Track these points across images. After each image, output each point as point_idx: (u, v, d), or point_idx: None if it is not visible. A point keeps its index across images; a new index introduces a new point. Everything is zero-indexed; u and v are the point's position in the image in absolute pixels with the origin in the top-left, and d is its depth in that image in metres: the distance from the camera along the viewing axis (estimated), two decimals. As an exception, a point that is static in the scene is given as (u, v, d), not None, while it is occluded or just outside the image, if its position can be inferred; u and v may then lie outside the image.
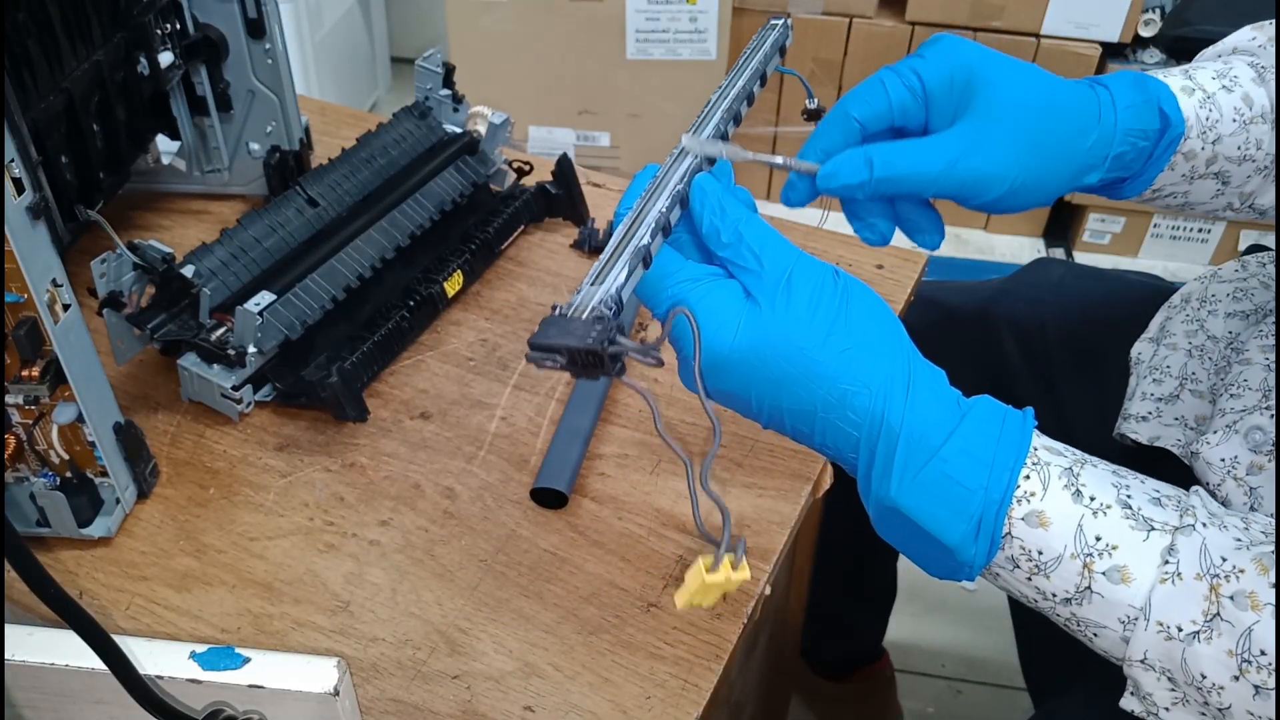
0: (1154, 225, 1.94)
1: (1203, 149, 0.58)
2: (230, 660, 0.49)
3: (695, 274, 0.46)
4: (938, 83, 0.53)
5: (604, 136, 1.93)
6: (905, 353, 0.46)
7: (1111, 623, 0.45)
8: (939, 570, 0.47)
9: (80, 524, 0.59)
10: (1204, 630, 0.42)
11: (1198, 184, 0.60)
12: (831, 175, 0.52)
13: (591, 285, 0.42)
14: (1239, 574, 0.43)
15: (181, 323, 0.66)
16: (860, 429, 0.45)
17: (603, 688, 0.54)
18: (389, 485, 0.64)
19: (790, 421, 0.46)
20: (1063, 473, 0.45)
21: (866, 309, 0.46)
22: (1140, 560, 0.44)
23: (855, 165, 0.52)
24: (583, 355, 0.40)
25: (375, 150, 0.80)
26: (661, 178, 0.47)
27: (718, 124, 0.49)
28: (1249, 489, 0.59)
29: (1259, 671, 0.42)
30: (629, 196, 0.47)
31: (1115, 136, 0.55)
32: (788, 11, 1.84)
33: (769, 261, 0.45)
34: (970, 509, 0.44)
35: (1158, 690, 0.45)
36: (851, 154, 0.52)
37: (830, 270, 0.46)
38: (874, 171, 0.51)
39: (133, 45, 0.72)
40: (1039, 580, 0.45)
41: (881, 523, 0.47)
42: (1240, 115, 0.59)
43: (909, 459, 0.44)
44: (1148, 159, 0.57)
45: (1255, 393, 0.62)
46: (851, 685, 1.20)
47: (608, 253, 0.44)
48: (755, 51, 0.55)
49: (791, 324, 0.44)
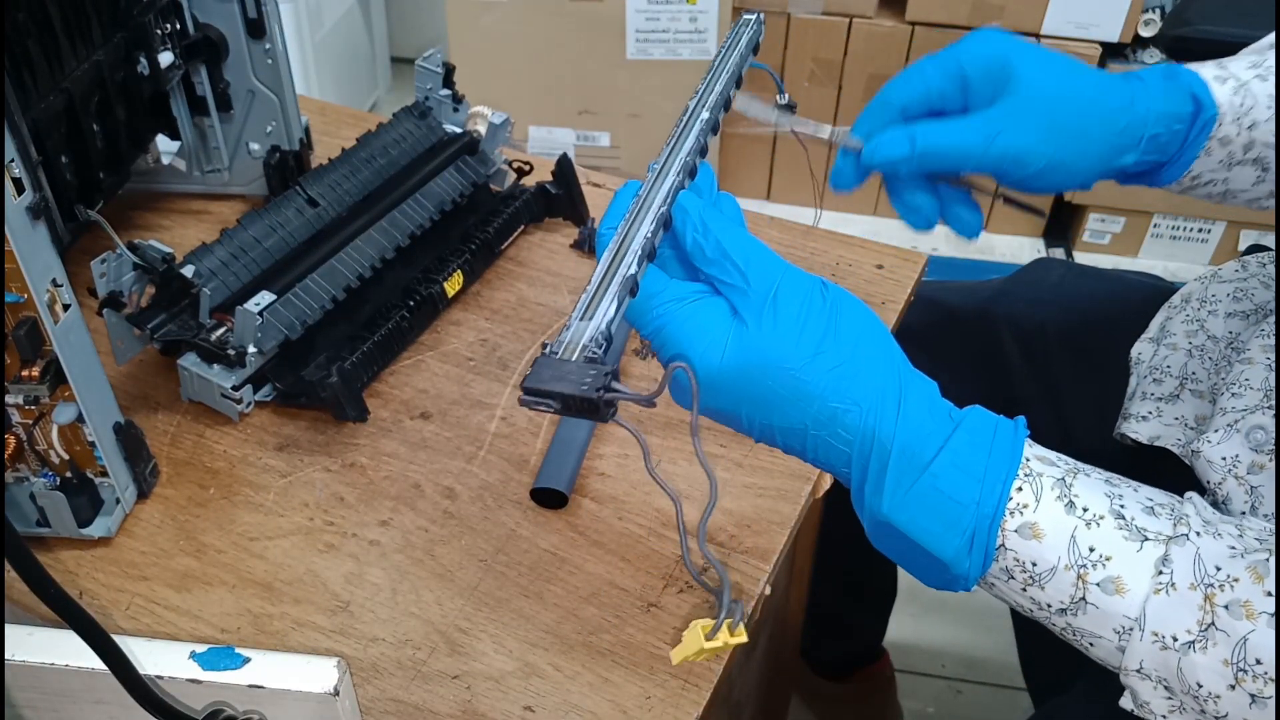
0: (1154, 225, 1.94)
1: (1238, 134, 0.59)
2: (230, 660, 0.49)
3: (681, 293, 0.45)
4: (976, 69, 0.56)
5: (604, 136, 1.93)
6: (896, 366, 0.45)
7: (1107, 633, 0.45)
8: (934, 582, 0.47)
9: (80, 524, 0.59)
10: (1199, 640, 0.42)
11: (1236, 170, 0.61)
12: (876, 150, 0.56)
13: (581, 320, 0.42)
14: (1233, 583, 0.42)
15: (181, 323, 0.66)
16: (852, 445, 0.45)
17: (603, 688, 0.54)
18: (389, 485, 0.64)
19: (781, 439, 0.46)
20: (1055, 483, 0.45)
21: (855, 322, 0.45)
22: (1134, 571, 0.44)
23: (898, 140, 0.55)
24: (577, 402, 0.40)
25: (375, 150, 0.80)
26: (644, 198, 0.46)
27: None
28: (1250, 488, 0.59)
29: (1255, 680, 0.42)
30: (612, 215, 0.46)
31: (1149, 119, 0.57)
32: (788, 12, 1.84)
33: (754, 277, 0.45)
34: (963, 523, 0.44)
35: (1155, 699, 0.45)
36: (894, 131, 0.56)
37: (818, 283, 0.46)
38: (916, 146, 0.55)
39: (133, 45, 0.72)
40: (1034, 591, 0.45)
41: (876, 536, 0.47)
42: (1275, 102, 0.59)
43: (901, 474, 0.44)
44: (1183, 142, 0.59)
45: (1257, 392, 0.62)
46: (851, 685, 1.20)
47: (594, 284, 0.43)
48: (731, 51, 0.54)
49: (778, 343, 0.44)
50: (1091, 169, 0.57)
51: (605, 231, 0.46)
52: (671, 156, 0.48)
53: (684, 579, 0.59)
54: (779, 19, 1.85)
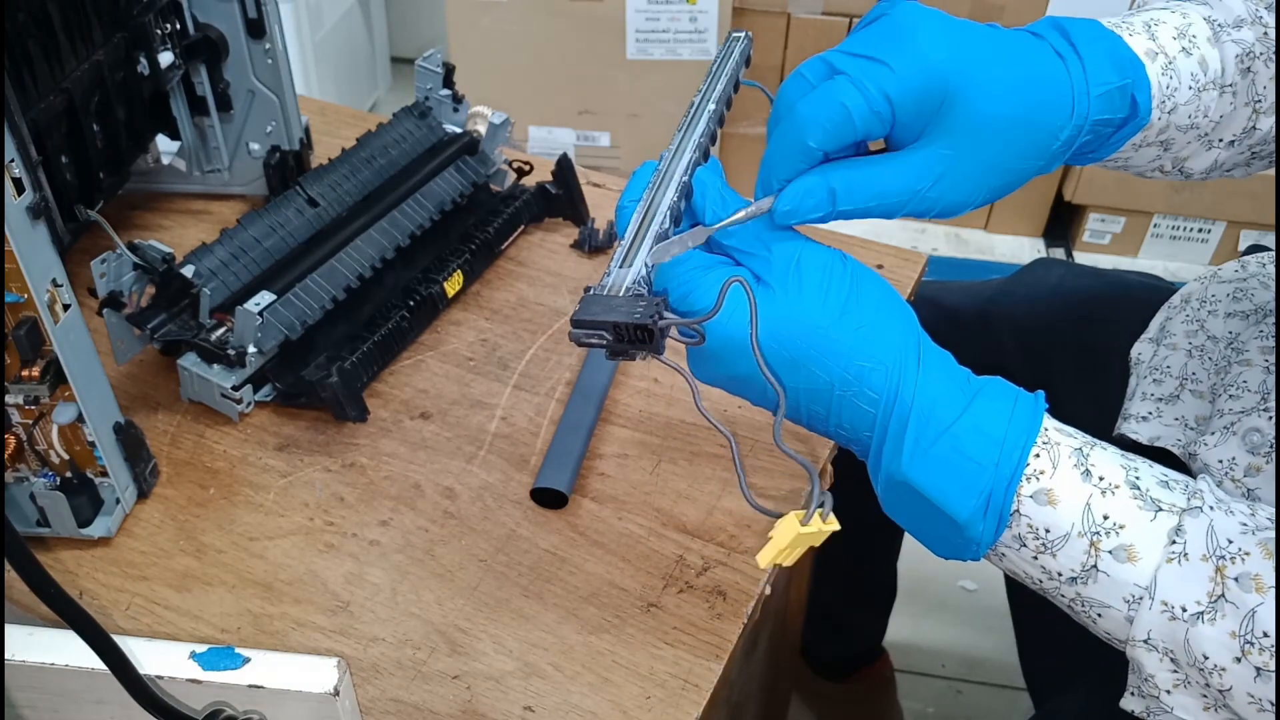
0: (1154, 225, 1.94)
1: (1158, 119, 0.54)
2: (230, 660, 0.49)
3: (704, 261, 0.46)
4: (908, 101, 0.47)
5: (604, 136, 1.93)
6: (915, 332, 0.46)
7: (1116, 602, 0.45)
8: (945, 549, 0.47)
9: (80, 524, 0.59)
10: (1208, 611, 0.43)
11: (1142, 151, 0.57)
12: (791, 212, 0.47)
13: (621, 267, 0.44)
14: (1244, 556, 0.43)
15: (181, 323, 0.66)
16: (877, 405, 0.45)
17: (603, 688, 0.54)
18: (389, 485, 0.64)
19: (806, 403, 0.46)
20: (1073, 452, 0.46)
21: (876, 290, 0.46)
22: (1147, 540, 0.44)
23: (817, 198, 0.47)
24: (630, 330, 0.41)
25: (375, 150, 0.80)
26: (665, 170, 0.47)
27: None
28: (1246, 490, 0.59)
29: (1261, 654, 0.42)
30: (632, 189, 0.47)
31: (1083, 130, 0.51)
32: (788, 12, 1.84)
33: (776, 246, 0.46)
34: (980, 484, 0.44)
35: (1160, 672, 0.45)
36: (812, 184, 0.47)
37: (837, 254, 0.47)
38: (837, 204, 0.47)
39: (133, 45, 0.72)
40: (1045, 559, 0.45)
41: (890, 499, 0.47)
42: (1196, 81, 0.55)
43: (921, 434, 0.45)
44: (1103, 143, 0.54)
45: (1254, 394, 0.62)
46: (851, 685, 1.20)
47: (630, 235, 0.45)
48: (721, 69, 0.53)
49: (806, 304, 0.45)
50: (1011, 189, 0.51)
51: (627, 204, 0.47)
52: (685, 138, 0.49)
53: (684, 579, 0.59)
54: (779, 19, 1.85)
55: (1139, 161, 0.59)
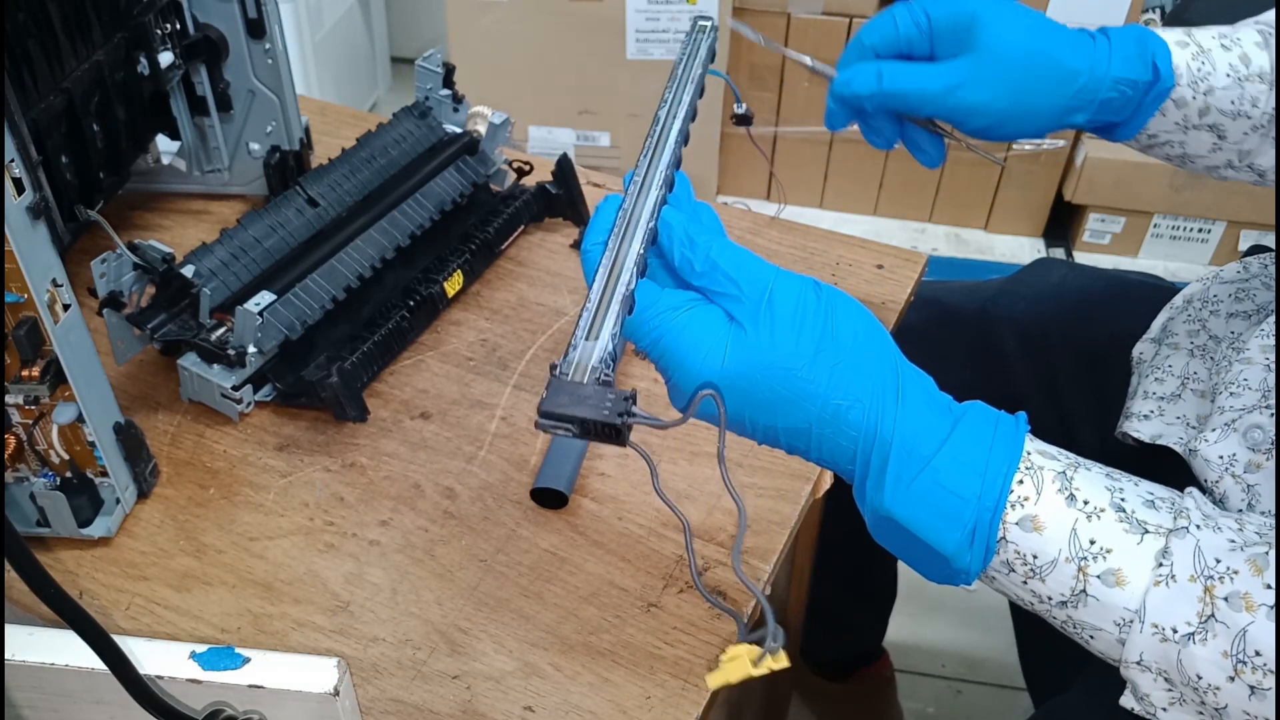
0: (1154, 225, 1.94)
1: (1194, 98, 0.62)
2: (230, 660, 0.49)
3: (675, 302, 0.45)
4: (943, 21, 0.61)
5: (604, 136, 1.93)
6: (893, 361, 0.46)
7: (1107, 625, 0.45)
8: (936, 576, 0.47)
9: (80, 524, 0.59)
10: (1199, 632, 0.42)
11: (1193, 134, 0.64)
12: (846, 83, 0.62)
13: (586, 340, 0.42)
14: (1233, 575, 0.43)
15: (181, 323, 0.66)
16: (856, 442, 0.45)
17: (603, 688, 0.54)
18: (389, 485, 0.64)
19: (786, 440, 0.46)
20: (1056, 476, 0.45)
21: (851, 320, 0.45)
22: (1134, 563, 0.44)
23: (866, 76, 0.61)
24: (598, 427, 0.41)
25: (375, 150, 0.80)
26: (629, 213, 0.46)
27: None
28: (1246, 486, 0.59)
29: (1254, 672, 0.42)
30: (595, 231, 0.46)
31: (1104, 83, 0.61)
32: (788, 12, 1.84)
33: (746, 283, 0.45)
34: (964, 517, 0.44)
35: (1155, 691, 0.45)
36: (864, 66, 0.61)
37: (810, 284, 0.46)
38: (882, 84, 0.60)
39: (133, 45, 0.72)
40: (1034, 584, 0.45)
41: (878, 531, 0.47)
42: (1236, 72, 0.62)
43: (902, 469, 0.44)
44: (1136, 108, 0.62)
45: (1255, 392, 0.62)
46: (851, 685, 1.20)
47: (594, 302, 0.43)
48: (690, 60, 0.54)
49: (779, 345, 0.44)
50: (1044, 124, 0.61)
51: (591, 248, 0.46)
52: (651, 170, 0.48)
53: (684, 579, 0.59)
54: (779, 19, 1.85)
55: (1198, 148, 0.65)
